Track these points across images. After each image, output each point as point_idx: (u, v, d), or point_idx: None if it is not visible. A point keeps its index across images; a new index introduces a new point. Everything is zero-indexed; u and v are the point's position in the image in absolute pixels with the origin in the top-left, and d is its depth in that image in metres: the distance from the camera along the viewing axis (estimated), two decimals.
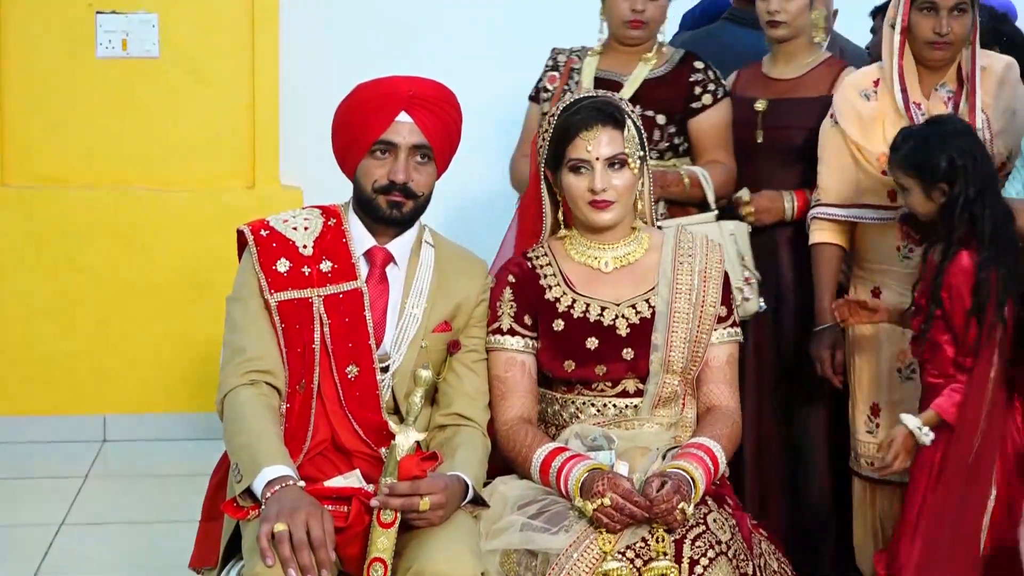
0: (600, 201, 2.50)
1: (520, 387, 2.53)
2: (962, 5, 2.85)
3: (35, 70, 4.72)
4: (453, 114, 2.54)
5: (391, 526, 2.21)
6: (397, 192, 2.44)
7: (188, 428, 4.57)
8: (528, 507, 2.36)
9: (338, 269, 2.45)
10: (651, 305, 2.54)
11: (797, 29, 3.18)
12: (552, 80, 3.34)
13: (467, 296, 2.52)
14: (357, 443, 2.40)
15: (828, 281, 3.04)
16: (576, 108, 2.53)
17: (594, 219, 2.53)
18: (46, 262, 4.66)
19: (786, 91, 3.21)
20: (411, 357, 2.45)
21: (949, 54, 2.91)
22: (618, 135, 2.51)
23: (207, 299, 4.45)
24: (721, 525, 2.33)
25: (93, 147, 4.77)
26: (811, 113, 3.11)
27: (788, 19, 3.15)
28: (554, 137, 2.54)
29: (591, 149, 2.49)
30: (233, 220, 2.97)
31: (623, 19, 3.21)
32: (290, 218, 2.51)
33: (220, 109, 4.81)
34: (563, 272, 2.58)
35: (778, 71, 3.25)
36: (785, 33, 3.18)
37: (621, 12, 3.20)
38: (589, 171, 2.50)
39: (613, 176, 2.50)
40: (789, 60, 3.24)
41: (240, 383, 2.36)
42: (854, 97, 3.01)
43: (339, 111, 2.53)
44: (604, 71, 3.28)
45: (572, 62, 3.33)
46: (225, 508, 2.29)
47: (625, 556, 2.26)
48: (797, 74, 3.22)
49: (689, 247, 2.59)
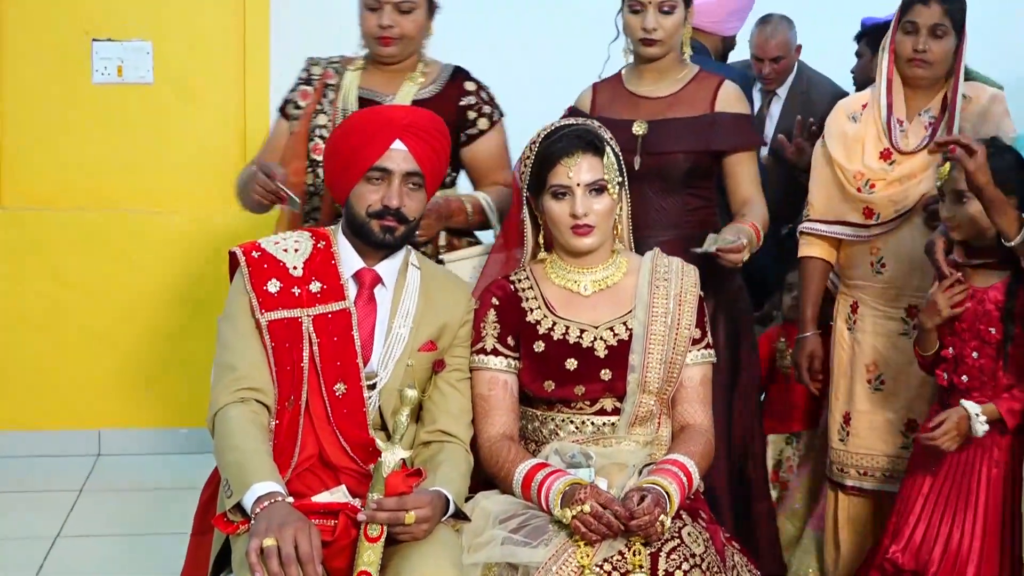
0: (582, 227, 2.50)
1: (502, 405, 2.53)
2: (941, 27, 2.90)
3: (33, 95, 4.72)
4: (444, 143, 2.55)
5: (378, 540, 2.21)
6: (390, 217, 2.44)
7: (180, 442, 4.57)
8: (509, 521, 2.35)
9: (327, 290, 2.45)
10: (628, 327, 2.54)
11: (671, 46, 2.94)
12: (304, 96, 3.03)
13: (452, 317, 2.52)
14: (344, 459, 2.40)
15: (812, 293, 3.10)
16: (558, 136, 2.53)
17: (576, 244, 2.53)
18: (41, 281, 4.64)
19: (663, 110, 2.94)
20: (397, 375, 2.45)
21: (929, 73, 2.94)
22: (598, 162, 2.51)
23: (198, 318, 4.45)
24: (695, 538, 2.33)
25: (88, 170, 4.77)
26: (692, 133, 2.90)
27: (664, 37, 2.89)
28: (536, 163, 2.54)
29: (572, 175, 2.49)
30: (224, 241, 2.96)
31: (372, 35, 2.94)
32: (281, 240, 2.51)
33: (211, 133, 4.82)
34: (544, 295, 2.57)
35: (648, 89, 2.96)
36: (660, 51, 2.91)
37: (369, 28, 2.93)
38: (570, 197, 2.50)
39: (593, 201, 2.50)
40: (660, 77, 2.96)
41: (230, 400, 2.35)
42: (843, 119, 3.07)
43: (334, 137, 2.54)
44: (366, 90, 3.00)
45: (328, 76, 3.03)
46: (216, 523, 2.27)
47: (603, 569, 2.25)
48: (672, 91, 2.95)
49: (665, 271, 2.59)
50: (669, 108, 2.93)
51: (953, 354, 2.67)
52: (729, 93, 2.94)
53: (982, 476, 2.63)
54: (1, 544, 3.71)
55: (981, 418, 2.58)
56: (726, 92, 2.94)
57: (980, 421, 2.58)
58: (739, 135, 2.94)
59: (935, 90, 2.98)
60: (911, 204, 2.92)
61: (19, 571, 3.49)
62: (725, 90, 2.94)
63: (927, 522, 2.68)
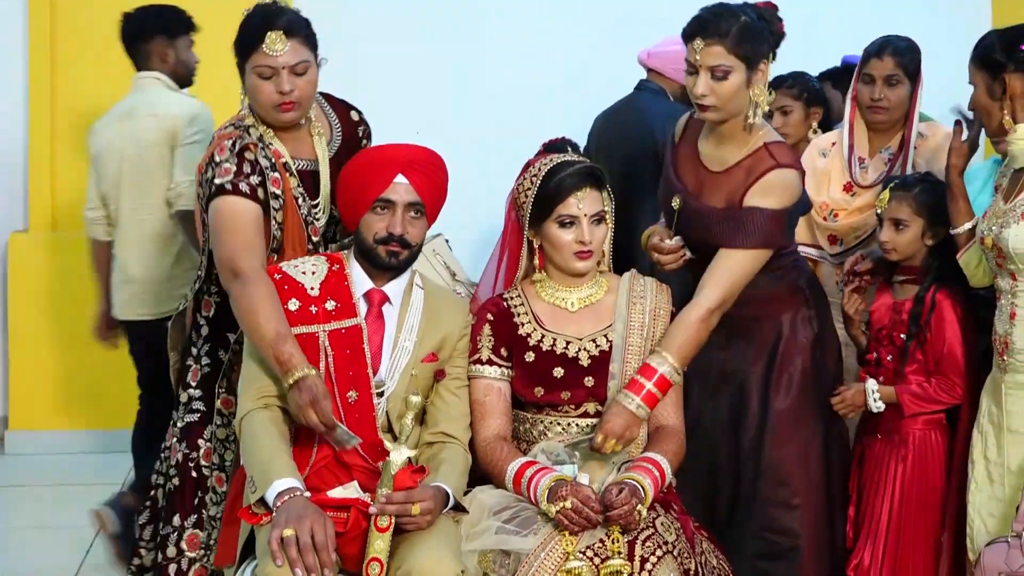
0: (584, 251, 2.60)
1: (497, 409, 2.60)
2: (895, 77, 3.03)
3: (83, 135, 4.76)
4: (442, 176, 2.64)
5: (387, 530, 2.30)
6: (395, 243, 2.53)
7: None
8: (502, 513, 2.43)
9: (341, 308, 2.52)
10: (609, 339, 2.62)
11: (730, 112, 2.59)
12: (277, 183, 2.60)
13: (451, 331, 2.60)
14: (355, 458, 2.47)
15: None
16: (567, 172, 2.59)
17: (577, 267, 2.62)
18: (90, 299, 4.64)
19: (704, 186, 2.69)
20: (403, 383, 2.52)
21: (886, 117, 3.07)
22: (599, 195, 2.62)
23: None
24: (667, 528, 2.41)
25: None
26: (711, 228, 2.64)
27: (718, 103, 2.57)
28: (543, 195, 2.60)
29: (581, 207, 2.59)
30: None
31: (272, 103, 2.58)
32: (300, 264, 2.58)
33: None
34: (534, 311, 2.66)
35: (709, 152, 2.71)
36: (716, 116, 2.60)
37: (268, 97, 2.57)
38: (577, 225, 2.59)
39: (595, 230, 2.61)
40: (723, 142, 2.67)
41: (255, 407, 2.46)
42: (815, 155, 3.21)
43: (344, 174, 2.63)
44: (296, 160, 2.66)
45: (277, 155, 2.63)
46: (242, 514, 2.38)
47: (585, 555, 2.34)
48: (728, 163, 2.66)
49: (641, 290, 2.68)
50: (712, 185, 2.68)
51: (875, 358, 2.80)
52: (770, 183, 2.60)
53: (891, 469, 2.73)
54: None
55: (876, 395, 2.71)
56: (767, 181, 2.60)
57: (875, 398, 2.71)
58: (742, 236, 2.60)
59: (895, 131, 3.10)
60: (869, 231, 3.04)
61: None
62: (767, 179, 2.59)
63: (854, 505, 2.80)
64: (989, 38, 2.59)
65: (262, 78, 2.59)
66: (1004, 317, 2.54)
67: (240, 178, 2.57)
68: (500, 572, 2.37)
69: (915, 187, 2.76)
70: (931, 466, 2.72)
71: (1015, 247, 2.47)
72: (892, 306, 2.79)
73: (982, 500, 2.57)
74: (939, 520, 2.70)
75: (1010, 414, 2.53)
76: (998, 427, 2.56)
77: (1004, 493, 2.53)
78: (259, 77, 2.59)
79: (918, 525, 2.71)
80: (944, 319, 2.68)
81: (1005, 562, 2.39)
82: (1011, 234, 2.47)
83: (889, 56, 3.03)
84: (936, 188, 2.74)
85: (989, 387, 2.61)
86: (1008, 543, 2.41)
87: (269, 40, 2.55)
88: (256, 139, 2.63)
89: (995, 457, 2.56)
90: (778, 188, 2.62)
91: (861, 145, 3.11)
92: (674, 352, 2.57)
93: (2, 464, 4.72)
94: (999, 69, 2.52)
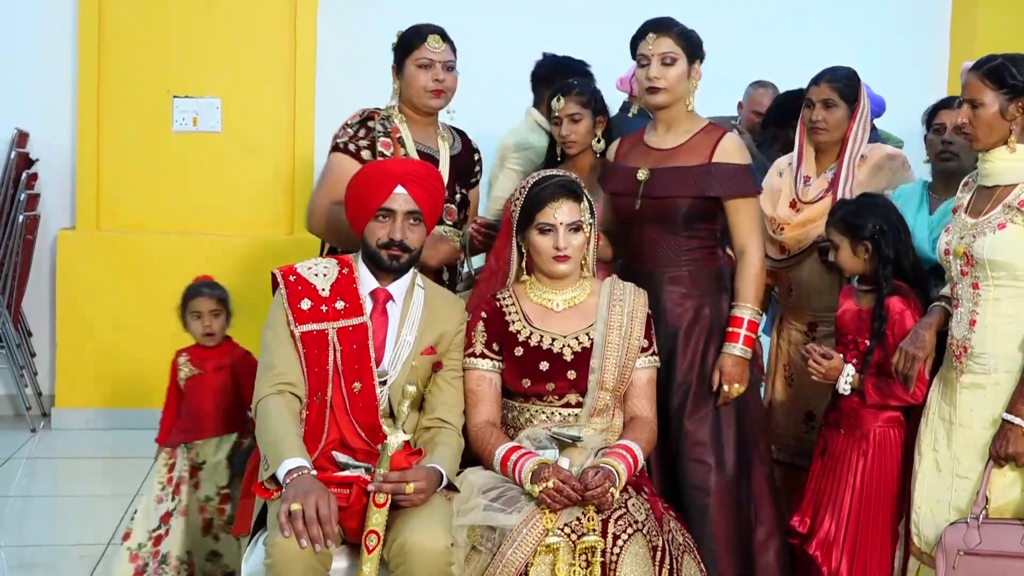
0: (561, 256, 2.60)
1: (488, 398, 2.61)
2: (830, 100, 3.01)
3: (126, 140, 4.87)
4: (438, 186, 2.64)
5: (384, 506, 2.30)
6: (396, 248, 2.53)
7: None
8: (490, 492, 2.44)
9: (349, 307, 2.53)
10: (590, 337, 2.62)
11: (676, 96, 2.76)
12: (386, 146, 2.86)
13: (448, 327, 2.61)
14: (359, 441, 2.49)
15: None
16: (546, 184, 2.62)
17: (555, 270, 2.63)
18: (134, 291, 4.77)
19: (665, 159, 2.78)
20: (404, 374, 2.53)
21: (827, 138, 3.05)
22: (576, 206, 2.62)
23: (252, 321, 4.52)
24: (638, 508, 2.41)
25: (170, 200, 4.91)
26: (688, 181, 2.74)
27: (667, 85, 2.73)
28: (527, 204, 2.62)
29: (557, 216, 2.59)
30: (275, 258, 2.99)
31: (425, 89, 2.87)
32: (312, 265, 2.58)
33: (267, 173, 4.94)
34: (523, 310, 2.66)
35: (658, 139, 2.82)
36: (664, 99, 2.75)
37: (423, 83, 2.87)
38: (554, 233, 2.60)
39: (572, 237, 2.60)
40: (668, 128, 2.81)
41: (270, 392, 2.46)
42: (774, 174, 3.19)
43: (350, 186, 2.62)
44: (421, 144, 2.92)
45: (396, 131, 2.89)
46: (255, 490, 2.39)
47: (563, 532, 2.34)
48: (677, 143, 2.78)
49: (620, 293, 2.68)
50: (672, 158, 2.78)
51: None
52: (728, 145, 2.75)
53: (852, 462, 2.71)
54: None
55: (848, 379, 2.69)
56: (725, 143, 2.75)
57: (846, 380, 2.69)
58: (732, 184, 2.73)
59: (838, 151, 3.07)
60: (810, 243, 3.04)
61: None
62: (725, 142, 2.75)
63: (815, 499, 2.77)
64: (997, 59, 2.46)
65: (421, 67, 2.89)
66: (963, 324, 2.51)
67: (354, 140, 2.88)
68: (486, 545, 2.36)
69: (836, 212, 2.79)
70: (889, 460, 2.70)
71: (990, 256, 2.43)
72: (857, 313, 2.77)
73: (928, 489, 2.56)
74: (895, 507, 2.69)
75: (962, 411, 2.51)
76: (948, 422, 2.54)
77: (951, 482, 2.52)
78: (419, 67, 2.90)
79: (876, 512, 2.70)
80: (906, 327, 2.65)
81: (963, 540, 2.42)
82: (986, 243, 2.43)
83: (826, 83, 3.02)
84: (855, 205, 2.76)
85: (938, 386, 2.59)
86: (967, 524, 2.43)
87: (431, 40, 2.90)
88: (384, 116, 2.92)
89: (944, 449, 2.54)
90: (736, 147, 2.79)
91: (808, 165, 3.09)
92: (752, 300, 2.75)
93: (49, 439, 4.71)
94: (1018, 93, 2.41)
